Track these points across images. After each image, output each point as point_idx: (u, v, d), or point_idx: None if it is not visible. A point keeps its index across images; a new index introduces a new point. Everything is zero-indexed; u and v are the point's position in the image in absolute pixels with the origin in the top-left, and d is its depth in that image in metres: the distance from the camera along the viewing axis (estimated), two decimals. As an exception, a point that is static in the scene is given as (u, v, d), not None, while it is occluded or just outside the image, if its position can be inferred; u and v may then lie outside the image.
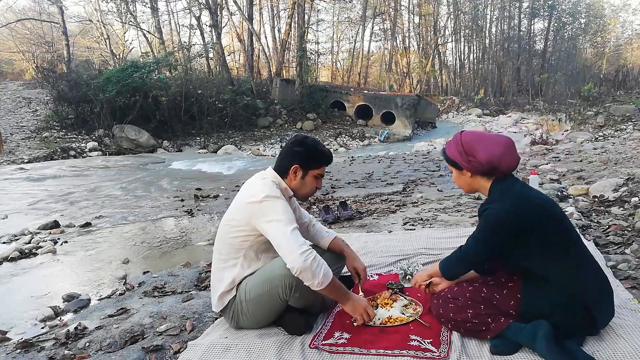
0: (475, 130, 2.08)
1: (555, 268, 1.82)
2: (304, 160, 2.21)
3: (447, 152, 2.05)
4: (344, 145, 16.33)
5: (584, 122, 12.89)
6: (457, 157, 1.98)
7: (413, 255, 3.13)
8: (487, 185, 1.97)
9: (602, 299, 1.84)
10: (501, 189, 1.92)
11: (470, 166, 1.95)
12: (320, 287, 2.00)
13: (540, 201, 1.88)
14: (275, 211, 2.05)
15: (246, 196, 2.16)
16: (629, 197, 4.16)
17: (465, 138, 1.98)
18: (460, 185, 2.09)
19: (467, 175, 2.00)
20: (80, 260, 4.03)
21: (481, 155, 1.91)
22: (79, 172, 9.24)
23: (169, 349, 2.21)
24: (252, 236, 2.12)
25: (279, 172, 2.24)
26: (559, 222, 1.87)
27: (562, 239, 1.85)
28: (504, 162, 1.90)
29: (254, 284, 2.14)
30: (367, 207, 5.01)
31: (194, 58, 21.13)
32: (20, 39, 25.84)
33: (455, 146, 2.00)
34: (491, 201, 1.93)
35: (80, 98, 14.78)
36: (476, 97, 26.86)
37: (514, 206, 1.83)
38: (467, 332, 1.95)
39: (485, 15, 31.70)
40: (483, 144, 1.93)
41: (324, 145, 2.32)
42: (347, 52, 32.46)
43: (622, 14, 35.95)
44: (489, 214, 1.87)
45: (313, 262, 1.97)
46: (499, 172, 1.92)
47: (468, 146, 1.95)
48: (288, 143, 2.26)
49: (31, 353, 2.30)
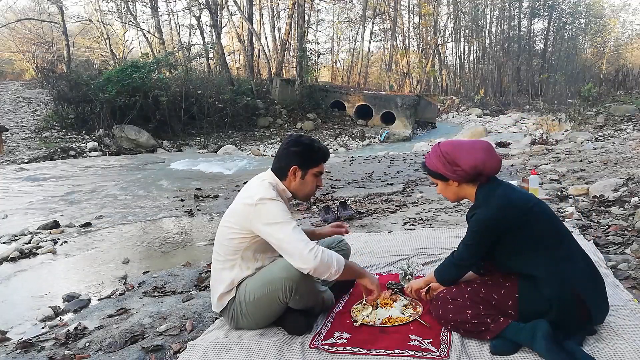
0: (451, 140, 2.12)
1: (546, 264, 1.84)
2: (302, 159, 2.18)
3: (429, 165, 2.05)
4: (344, 145, 16.33)
5: (584, 122, 12.89)
6: (441, 168, 2.00)
7: (413, 255, 3.13)
8: (473, 191, 2.01)
9: (597, 291, 1.86)
10: (485, 194, 1.96)
11: (456, 175, 1.97)
12: (338, 275, 2.05)
13: (523, 201, 1.90)
14: (271, 213, 2.03)
15: (242, 198, 2.16)
16: (629, 197, 4.15)
17: (445, 148, 2.00)
18: (447, 196, 2.12)
19: (453, 185, 2.02)
20: (80, 260, 4.03)
21: (465, 163, 1.93)
22: (79, 172, 9.24)
23: (169, 349, 2.21)
24: (248, 238, 2.11)
25: (277, 174, 2.22)
26: (545, 219, 1.90)
27: (550, 235, 1.88)
28: (487, 166, 1.93)
29: (253, 286, 2.13)
30: (367, 207, 5.01)
31: (194, 58, 21.15)
32: (20, 39, 25.85)
33: (437, 158, 2.01)
34: (477, 206, 1.97)
35: (80, 98, 14.79)
36: (476, 97, 26.87)
37: (496, 209, 1.87)
38: (466, 332, 1.95)
39: (485, 15, 31.73)
40: (464, 151, 1.96)
41: (319, 143, 2.30)
42: (347, 52, 32.51)
43: (622, 14, 36.06)
44: (475, 219, 1.92)
45: (323, 256, 2.00)
46: (483, 176, 1.96)
47: (450, 156, 1.97)
48: (283, 144, 2.24)
49: (31, 353, 2.30)
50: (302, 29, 20.29)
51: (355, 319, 2.21)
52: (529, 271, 1.87)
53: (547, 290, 1.82)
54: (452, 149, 1.98)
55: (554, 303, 1.81)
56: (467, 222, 2.00)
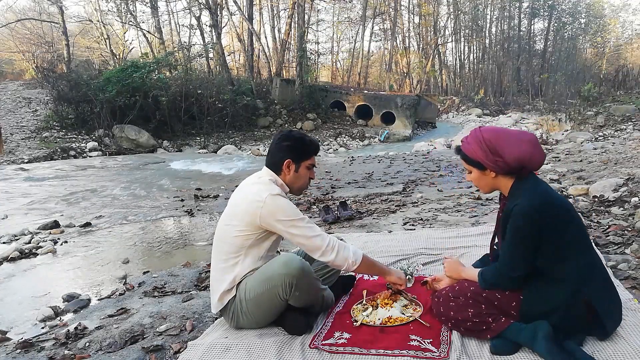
0: (493, 126, 1.93)
1: (570, 269, 1.79)
2: (294, 152, 2.23)
3: (466, 151, 1.90)
4: (344, 145, 16.33)
5: (584, 122, 12.89)
6: (481, 156, 1.85)
7: (413, 255, 3.13)
8: (509, 184, 1.88)
9: (612, 302, 1.83)
10: (526, 188, 1.82)
11: (496, 166, 1.83)
12: (356, 266, 2.16)
13: (563, 203, 1.84)
14: (282, 209, 2.10)
15: (247, 196, 2.17)
16: (629, 197, 4.15)
17: (488, 135, 1.84)
18: (479, 186, 1.97)
19: (490, 175, 1.89)
20: (80, 260, 4.03)
21: (509, 154, 1.79)
22: (79, 172, 9.24)
23: (169, 349, 2.21)
24: (254, 234, 2.15)
25: (273, 169, 2.26)
26: (579, 224, 1.85)
27: (581, 241, 1.83)
28: (533, 160, 1.80)
29: (253, 283, 2.14)
30: (367, 207, 5.01)
31: (194, 58, 21.12)
32: (20, 39, 25.84)
33: (478, 144, 1.85)
34: (517, 198, 1.81)
35: (80, 98, 14.77)
36: (476, 97, 26.87)
37: (541, 204, 1.76)
38: (467, 331, 1.94)
39: (485, 15, 31.73)
40: (509, 142, 1.81)
41: (309, 136, 2.38)
42: (347, 52, 32.50)
43: (622, 14, 36.07)
44: (518, 212, 1.76)
45: (340, 247, 2.13)
46: (525, 171, 1.84)
47: (492, 145, 1.82)
48: (275, 140, 2.29)
49: (31, 353, 2.30)
50: (302, 29, 20.29)
51: (355, 319, 2.21)
52: (555, 274, 1.80)
53: (558, 296, 1.79)
54: (496, 137, 1.83)
55: (560, 308, 1.79)
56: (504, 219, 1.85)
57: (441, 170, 7.48)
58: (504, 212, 1.88)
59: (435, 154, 9.86)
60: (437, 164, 8.14)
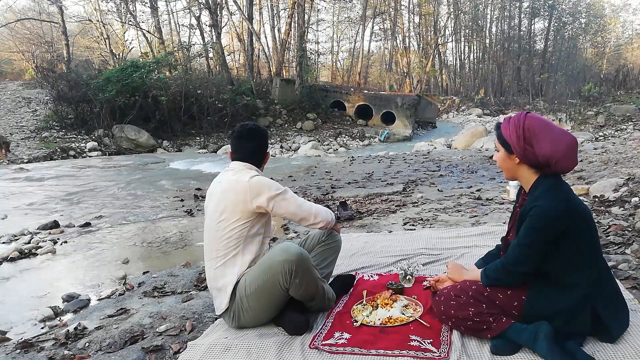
0: (542, 117, 1.89)
1: (580, 277, 1.78)
2: (267, 142, 2.42)
3: (503, 130, 1.88)
4: (344, 145, 16.32)
5: (585, 122, 12.89)
6: (514, 140, 1.82)
7: (413, 256, 3.13)
8: (532, 178, 1.86)
9: (618, 309, 1.83)
10: (549, 187, 1.80)
11: (523, 154, 1.81)
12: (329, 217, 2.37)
13: (585, 211, 1.82)
14: (267, 185, 2.20)
15: (231, 187, 2.21)
16: (629, 197, 4.15)
17: (529, 123, 1.80)
18: (502, 168, 1.95)
19: (514, 160, 1.86)
20: (80, 260, 4.03)
21: (540, 148, 1.77)
22: (79, 172, 9.24)
23: (169, 349, 2.21)
24: (249, 221, 2.20)
25: (255, 163, 2.33)
26: (594, 234, 1.84)
27: (594, 251, 1.82)
28: (559, 164, 1.78)
29: (253, 276, 2.15)
30: (367, 207, 5.01)
31: (193, 58, 21.13)
32: (20, 39, 25.85)
33: (515, 128, 1.82)
34: (537, 198, 1.79)
35: (80, 98, 14.78)
36: (476, 97, 26.86)
37: (563, 206, 1.74)
38: (467, 330, 1.94)
39: (486, 15, 31.74)
40: (548, 137, 1.77)
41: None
42: (347, 52, 32.53)
43: (622, 14, 36.11)
44: (538, 213, 1.74)
45: (320, 211, 2.34)
46: (549, 169, 1.81)
47: (529, 133, 1.79)
48: (250, 133, 2.33)
49: (31, 353, 2.30)
50: (302, 29, 20.29)
51: (355, 319, 2.21)
52: (565, 278, 1.79)
53: (563, 299, 1.78)
54: (537, 127, 1.79)
55: (565, 313, 1.78)
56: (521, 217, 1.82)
57: (441, 170, 7.48)
58: (522, 209, 1.86)
59: (435, 154, 9.86)
60: (437, 164, 8.14)
